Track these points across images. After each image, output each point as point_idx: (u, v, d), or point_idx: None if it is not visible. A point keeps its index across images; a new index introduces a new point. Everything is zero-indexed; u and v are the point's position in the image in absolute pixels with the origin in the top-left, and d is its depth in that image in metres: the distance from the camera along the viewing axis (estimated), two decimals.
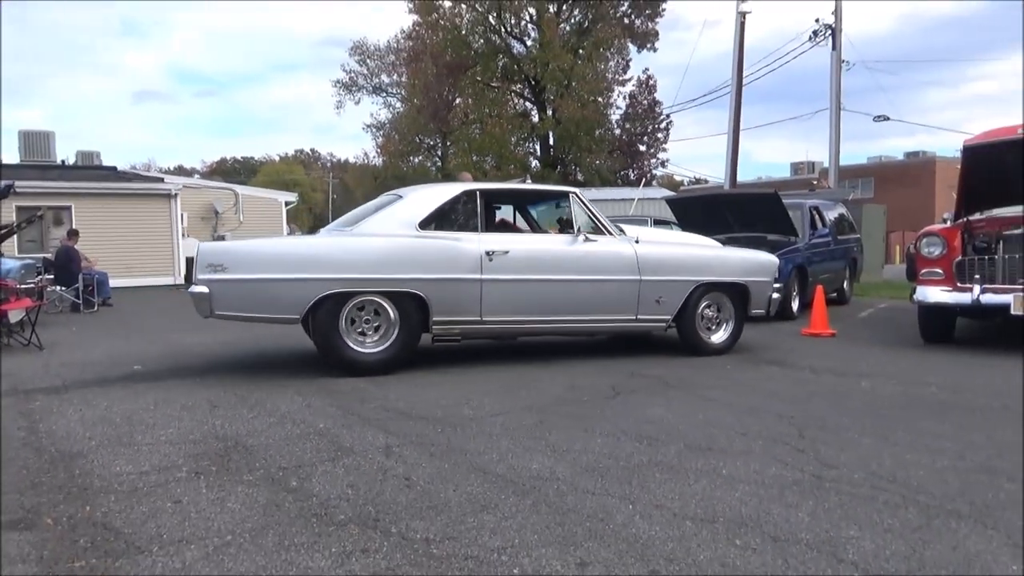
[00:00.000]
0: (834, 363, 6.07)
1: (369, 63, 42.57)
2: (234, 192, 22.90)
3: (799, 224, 10.12)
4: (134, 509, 2.75)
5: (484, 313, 5.72)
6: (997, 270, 6.50)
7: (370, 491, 2.93)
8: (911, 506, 2.76)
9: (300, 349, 7.04)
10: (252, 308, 5.37)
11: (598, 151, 32.15)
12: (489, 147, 31.00)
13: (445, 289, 5.58)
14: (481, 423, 4.04)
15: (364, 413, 4.28)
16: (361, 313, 5.52)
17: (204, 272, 5.23)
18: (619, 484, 3.00)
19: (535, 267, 5.86)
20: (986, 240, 6.71)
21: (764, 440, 3.68)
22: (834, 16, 19.61)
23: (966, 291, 6.54)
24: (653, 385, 5.13)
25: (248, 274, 5.28)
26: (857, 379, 5.37)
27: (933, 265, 6.82)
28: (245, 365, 6.07)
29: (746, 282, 6.63)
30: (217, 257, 5.27)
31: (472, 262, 5.65)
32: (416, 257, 5.55)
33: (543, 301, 5.89)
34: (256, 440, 3.70)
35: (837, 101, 19.49)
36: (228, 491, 2.93)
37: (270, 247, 5.78)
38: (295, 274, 5.32)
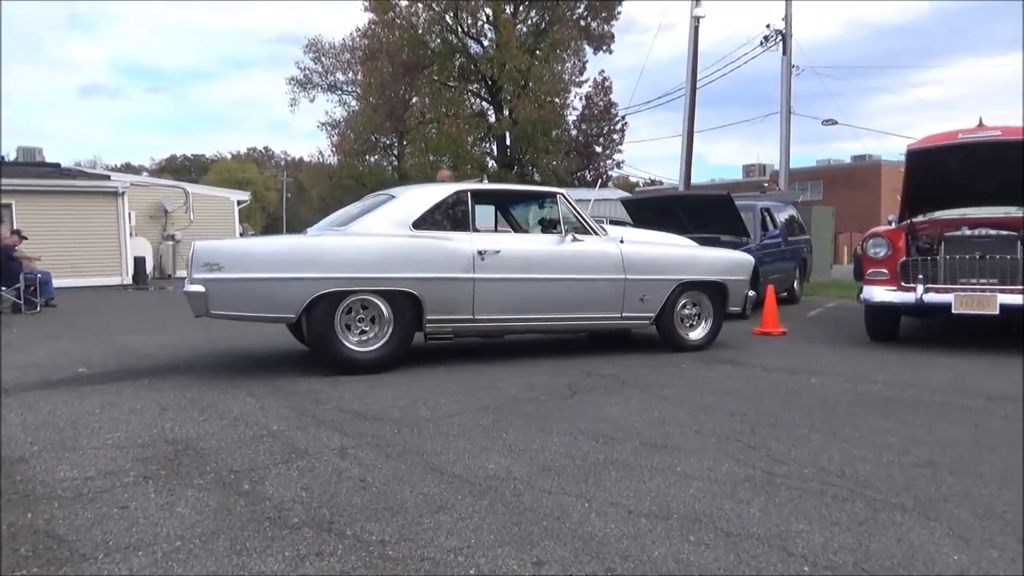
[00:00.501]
0: (785, 361, 6.19)
1: (324, 61, 42.13)
2: (184, 190, 22.43)
3: (751, 225, 10.31)
4: (78, 515, 2.67)
5: (476, 311, 5.81)
6: (939, 270, 6.71)
7: (325, 493, 2.89)
8: (858, 500, 2.83)
9: (254, 350, 6.92)
10: (248, 307, 5.35)
11: (555, 152, 32.30)
12: (446, 147, 30.90)
13: (439, 288, 5.65)
14: (438, 423, 4.02)
15: (319, 414, 4.23)
16: (352, 314, 5.53)
17: (200, 271, 5.18)
18: (575, 483, 3.02)
19: (526, 266, 5.98)
20: (929, 241, 6.93)
21: (717, 437, 3.74)
22: (784, 22, 20.04)
23: (910, 291, 6.74)
24: (609, 384, 5.17)
25: (244, 273, 5.27)
26: (807, 377, 5.49)
27: (879, 265, 7.01)
28: (197, 367, 5.94)
29: (724, 281, 6.81)
30: (213, 256, 5.24)
31: (465, 261, 5.72)
32: (410, 256, 5.61)
33: (533, 299, 6.01)
34: (207, 443, 3.63)
35: (787, 105, 19.93)
36: (178, 495, 2.87)
37: (266, 246, 5.80)
38: (291, 273, 5.33)
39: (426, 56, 32.10)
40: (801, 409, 4.39)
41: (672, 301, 6.58)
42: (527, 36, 31.92)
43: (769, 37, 20.22)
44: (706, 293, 6.78)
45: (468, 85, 32.97)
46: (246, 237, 24.42)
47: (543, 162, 32.33)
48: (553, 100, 31.87)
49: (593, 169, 34.99)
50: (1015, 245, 6.52)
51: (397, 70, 33.15)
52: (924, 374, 5.59)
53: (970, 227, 6.82)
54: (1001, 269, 6.49)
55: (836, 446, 3.58)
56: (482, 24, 32.48)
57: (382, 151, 42.66)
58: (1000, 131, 6.81)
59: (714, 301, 6.81)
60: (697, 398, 4.71)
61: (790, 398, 4.72)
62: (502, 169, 31.59)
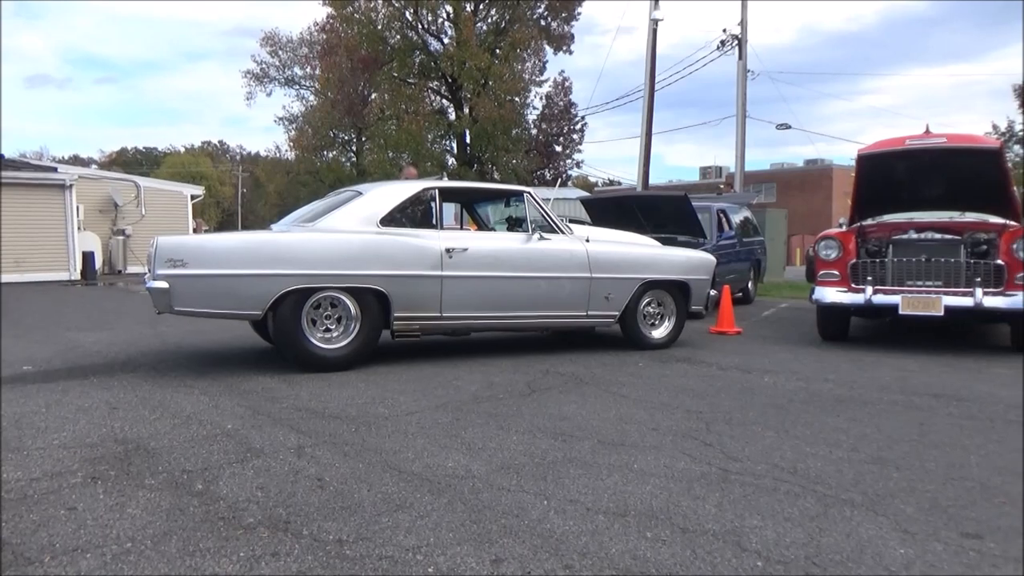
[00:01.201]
0: (739, 360, 6.29)
1: (281, 55, 41.56)
2: (135, 184, 21.84)
3: (707, 226, 10.45)
4: (23, 518, 2.58)
5: (444, 309, 5.81)
6: (887, 272, 6.90)
7: (281, 493, 2.85)
8: (809, 496, 2.89)
9: (207, 348, 6.79)
10: (213, 304, 5.26)
11: (515, 150, 32.32)
12: (405, 144, 30.68)
13: (406, 285, 5.64)
14: (396, 421, 3.99)
15: (275, 413, 4.17)
16: (320, 310, 5.48)
17: (163, 267, 5.07)
18: (534, 480, 3.03)
19: (493, 264, 5.99)
20: (877, 244, 7.11)
21: (674, 435, 3.78)
22: (740, 27, 20.38)
23: (859, 292, 6.90)
24: (568, 382, 5.20)
25: (209, 269, 5.18)
26: (761, 375, 5.58)
27: (830, 267, 7.17)
28: (147, 365, 5.80)
29: (687, 280, 6.91)
30: (177, 252, 5.14)
31: (433, 259, 5.72)
32: (378, 253, 5.58)
33: (500, 297, 6.03)
34: (159, 442, 3.55)
35: (743, 109, 20.27)
36: (128, 496, 2.80)
37: (232, 242, 5.71)
38: (258, 269, 5.26)
39: (385, 52, 31.83)
40: (755, 407, 4.47)
41: (636, 300, 6.66)
42: (487, 34, 31.88)
43: (726, 42, 20.55)
44: (669, 292, 6.87)
45: (428, 82, 32.80)
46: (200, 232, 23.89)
47: (503, 160, 32.32)
48: (513, 99, 31.88)
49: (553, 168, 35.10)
50: (959, 249, 6.73)
51: (356, 66, 32.82)
52: (873, 373, 5.73)
53: (917, 231, 7.02)
54: (946, 272, 6.69)
55: (788, 443, 3.65)
56: (442, 21, 32.33)
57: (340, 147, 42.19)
58: (946, 138, 7.03)
59: (677, 300, 6.91)
60: (654, 396, 4.75)
61: (744, 396, 4.79)
62: (462, 167, 31.49)
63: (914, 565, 2.31)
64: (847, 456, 3.44)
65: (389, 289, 5.58)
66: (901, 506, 2.80)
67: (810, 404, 4.58)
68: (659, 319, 6.92)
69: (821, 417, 4.22)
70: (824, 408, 4.47)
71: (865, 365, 6.11)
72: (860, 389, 5.08)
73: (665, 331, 6.91)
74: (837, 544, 2.44)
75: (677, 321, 6.95)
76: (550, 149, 35.50)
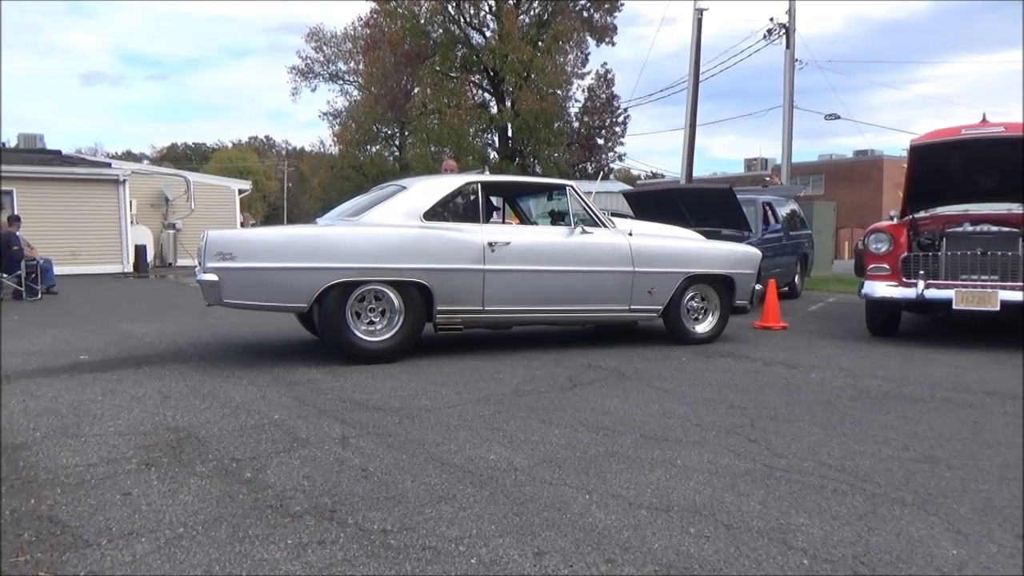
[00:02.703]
0: (785, 355, 6.21)
1: (325, 50, 42.03)
2: (185, 179, 22.37)
3: (752, 219, 10.30)
4: (81, 502, 2.68)
5: (486, 303, 5.86)
6: (940, 266, 6.72)
7: (326, 482, 2.90)
8: (858, 494, 2.84)
9: (254, 340, 6.93)
10: (261, 296, 5.40)
11: (556, 144, 32.27)
12: (447, 138, 30.86)
13: (449, 279, 5.70)
14: (439, 414, 4.03)
15: (320, 404, 4.24)
16: (364, 303, 5.57)
17: (213, 260, 5.22)
18: (576, 474, 3.03)
19: (535, 258, 6.02)
20: (930, 237, 6.93)
21: (717, 431, 3.75)
22: (788, 15, 19.97)
23: (911, 286, 6.74)
24: (610, 377, 5.18)
25: (257, 263, 5.31)
26: (807, 371, 5.50)
27: (880, 261, 7.01)
28: (197, 355, 5.95)
29: (732, 274, 6.85)
30: (226, 246, 5.29)
31: (475, 253, 5.77)
32: (421, 247, 5.66)
33: (542, 291, 6.05)
34: (209, 431, 3.64)
35: (790, 99, 19.87)
36: (180, 483, 2.88)
37: (279, 236, 5.86)
38: (304, 263, 5.37)
39: (428, 46, 32.03)
40: (801, 403, 4.40)
41: (679, 294, 6.61)
42: (529, 27, 31.82)
43: (772, 31, 20.16)
44: (713, 286, 6.80)
45: (470, 76, 32.91)
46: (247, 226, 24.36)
47: (545, 154, 32.31)
48: (555, 92, 31.82)
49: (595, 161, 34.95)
50: (1016, 242, 6.52)
51: (399, 60, 33.08)
52: (924, 369, 5.60)
53: (972, 223, 6.82)
54: (1002, 265, 6.49)
55: (836, 440, 3.59)
56: (484, 14, 32.38)
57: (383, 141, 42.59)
58: (1003, 127, 6.80)
59: (721, 294, 6.84)
60: (697, 391, 4.71)
61: (790, 392, 4.73)
62: (503, 161, 31.55)
63: (967, 567, 2.25)
64: (897, 454, 3.37)
65: (432, 282, 5.63)
66: (954, 506, 2.73)
67: (858, 401, 4.50)
68: (703, 314, 6.85)
69: (870, 414, 4.14)
70: (873, 405, 4.38)
71: (916, 361, 5.97)
72: (911, 386, 4.96)
73: (709, 326, 6.85)
74: (886, 544, 2.39)
75: (721, 316, 6.88)
76: (592, 142, 35.34)
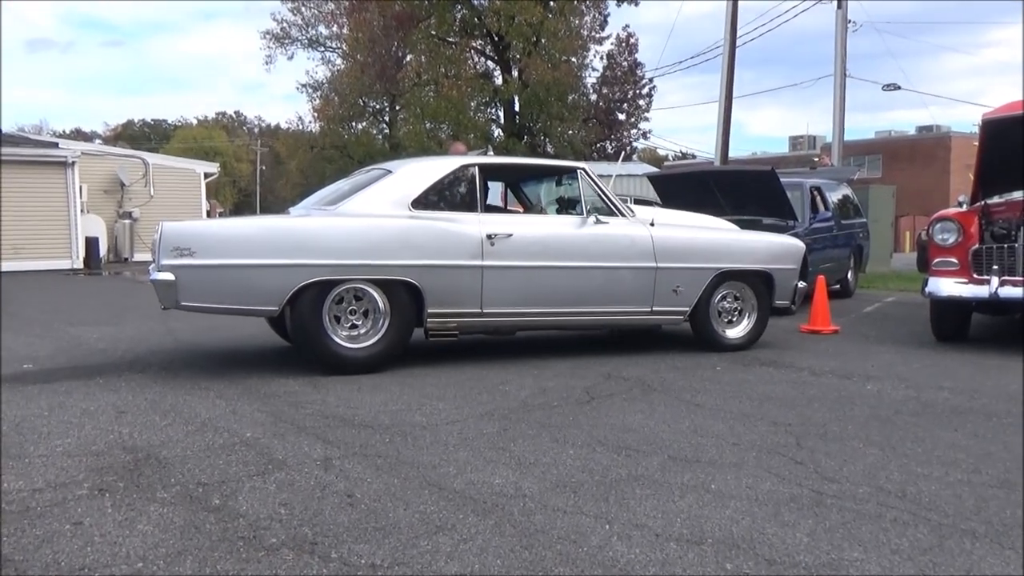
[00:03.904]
0: (836, 364, 6.20)
1: (304, 12, 42.08)
2: (143, 161, 22.47)
3: (798, 206, 10.28)
4: (25, 533, 2.69)
5: (485, 304, 5.85)
6: (1018, 260, 6.68)
7: (306, 510, 2.91)
8: (921, 524, 2.84)
9: (223, 346, 6.95)
10: (224, 298, 5.39)
11: (571, 119, 32.19)
12: (445, 113, 30.83)
13: (442, 276, 5.69)
14: (435, 431, 4.04)
15: (299, 420, 4.26)
16: (343, 305, 5.57)
17: (168, 256, 5.20)
18: (594, 501, 3.04)
19: (542, 252, 6.01)
20: (1006, 226, 6.89)
21: (758, 451, 3.75)
22: None
23: (983, 283, 6.71)
24: (632, 388, 5.19)
25: (219, 259, 5.30)
26: (862, 382, 5.49)
27: (947, 254, 6.98)
28: (158, 364, 5.98)
29: (771, 270, 6.81)
30: (184, 239, 5.27)
31: (472, 246, 5.76)
32: (409, 240, 5.65)
33: (550, 291, 6.04)
34: (171, 451, 3.66)
35: (842, 67, 19.81)
36: (138, 511, 2.89)
37: (245, 228, 5.86)
38: (274, 259, 5.36)
39: (422, 7, 31.99)
40: (855, 419, 4.40)
41: (709, 293, 6.59)
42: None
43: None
44: (749, 284, 6.78)
45: (471, 41, 32.86)
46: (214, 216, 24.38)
47: (557, 131, 32.25)
48: (569, 59, 31.74)
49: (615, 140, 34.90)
50: None
51: (388, 23, 33.05)
52: (998, 380, 5.58)
53: None
54: None
55: (896, 462, 3.58)
56: None
57: (371, 117, 42.63)
58: None
59: (759, 293, 6.81)
60: (735, 405, 4.72)
61: (842, 406, 4.72)
62: (509, 139, 31.53)
63: None
64: (967, 478, 3.36)
65: (422, 281, 5.62)
66: None
67: (922, 416, 4.49)
68: (737, 316, 6.83)
69: (935, 432, 4.14)
70: (939, 421, 4.37)
71: (988, 370, 5.96)
72: (983, 399, 4.95)
73: (743, 330, 6.82)
74: None
75: (758, 318, 6.86)
76: (612, 117, 35.28)
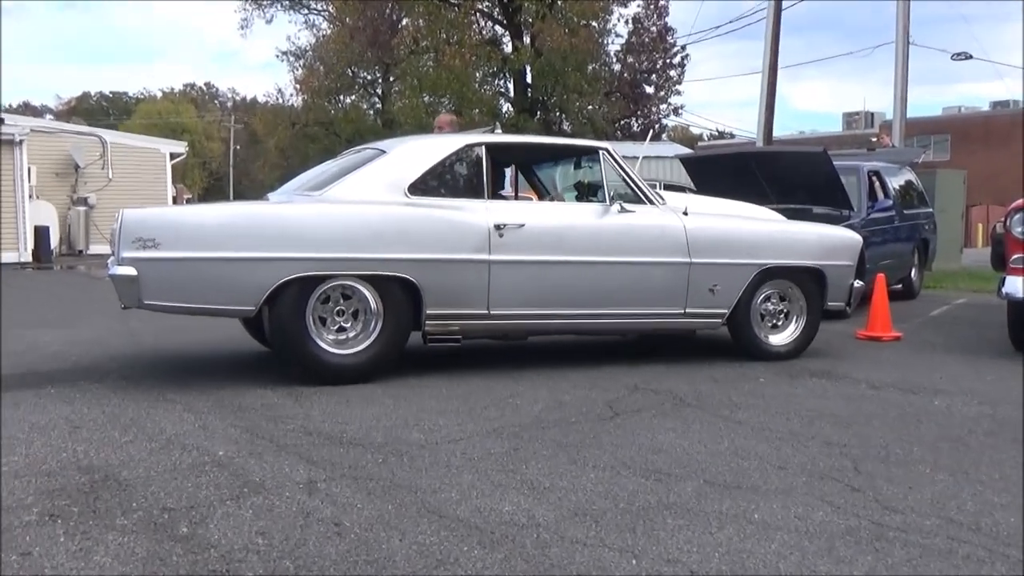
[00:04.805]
0: (899, 375, 6.18)
1: None
2: (101, 139, 22.58)
3: (854, 194, 10.26)
4: None
5: (492, 305, 5.85)
6: None
7: (287, 540, 2.91)
8: (998, 561, 2.82)
9: (192, 351, 6.97)
10: (192, 296, 5.40)
11: (591, 93, 32.21)
12: (446, 85, 30.91)
13: (442, 273, 5.69)
14: (435, 451, 4.04)
15: (279, 437, 4.26)
16: (329, 305, 5.58)
17: (130, 248, 5.19)
18: (619, 532, 3.03)
19: (558, 246, 6.01)
20: None
21: (808, 475, 3.74)
22: None
23: None
24: (664, 403, 5.19)
25: (188, 252, 5.30)
26: (929, 397, 5.48)
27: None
28: (117, 372, 5.99)
29: (822, 267, 6.77)
30: (148, 229, 5.26)
31: (478, 238, 5.76)
32: (405, 231, 5.66)
33: (568, 290, 6.05)
34: (133, 472, 3.66)
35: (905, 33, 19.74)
36: (95, 540, 2.90)
37: (217, 217, 5.85)
38: (251, 252, 5.35)
39: None
40: (921, 440, 4.39)
41: (750, 293, 6.58)
42: None
43: None
44: (797, 283, 6.75)
45: (476, 3, 32.90)
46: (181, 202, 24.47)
47: (575, 107, 32.28)
48: (589, 24, 31.76)
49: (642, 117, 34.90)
50: None
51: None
52: None
53: None
54: None
55: (968, 490, 3.57)
56: None
57: (361, 90, 42.75)
58: None
59: (808, 294, 6.78)
60: (781, 423, 4.71)
61: (906, 425, 4.71)
62: (520, 116, 31.58)
63: None
64: None
65: (420, 278, 5.61)
66: None
67: (998, 437, 4.48)
68: (782, 319, 6.81)
69: (1014, 454, 4.12)
70: (1018, 442, 4.35)
71: None
72: None
73: (790, 335, 6.80)
74: None
75: (808, 322, 6.82)
76: (639, 91, 35.30)
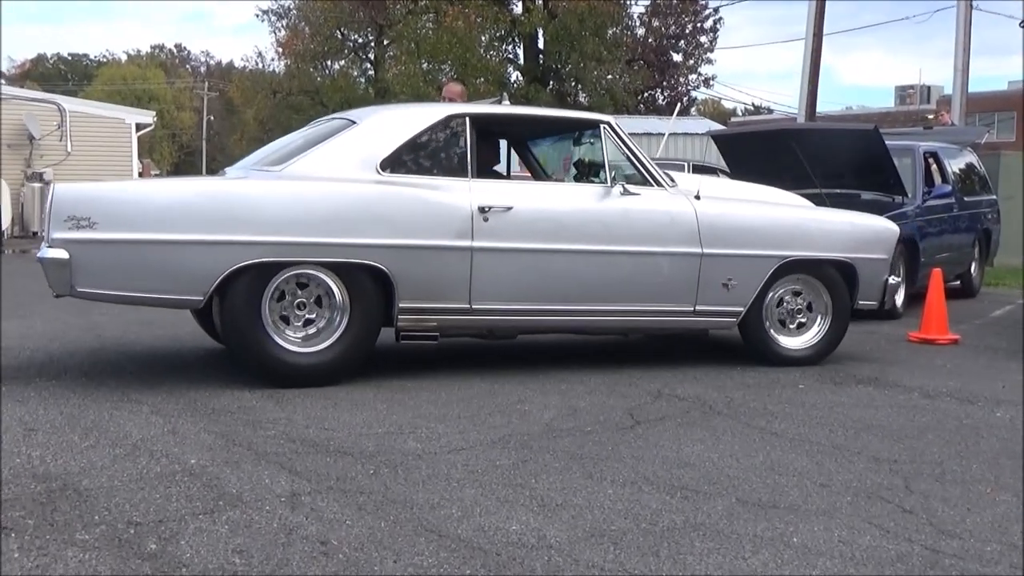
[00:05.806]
0: (957, 383, 6.18)
1: None
2: (59, 107, 22.56)
3: (908, 177, 10.23)
4: None
5: (475, 298, 5.82)
6: None
7: (268, 560, 2.92)
8: None
9: (161, 346, 6.98)
10: (132, 284, 5.37)
11: (611, 60, 32.14)
12: (447, 50, 30.85)
13: (418, 261, 5.67)
14: (433, 462, 4.05)
15: (258, 444, 4.27)
16: (288, 298, 5.56)
17: (61, 229, 5.16)
18: (640, 555, 3.04)
19: (551, 232, 5.99)
20: None
21: (854, 494, 3.74)
22: None
23: None
24: (690, 411, 5.19)
25: (128, 233, 5.27)
26: (990, 407, 5.48)
27: None
28: (77, 368, 6.01)
29: (852, 260, 6.71)
30: (82, 207, 5.22)
31: (459, 222, 5.74)
32: (376, 212, 5.64)
33: (562, 283, 6.02)
34: (94, 481, 3.67)
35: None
36: (53, 556, 2.91)
37: (161, 193, 5.82)
38: (199, 234, 5.33)
39: None
40: (980, 456, 4.39)
41: (768, 288, 6.52)
42: None
43: None
44: (821, 278, 6.69)
45: None
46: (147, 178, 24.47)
47: (593, 76, 32.20)
48: None
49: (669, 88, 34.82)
50: None
51: None
52: None
53: None
54: None
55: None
56: None
57: (351, 54, 42.70)
58: None
59: (834, 290, 6.71)
60: (823, 435, 4.71)
61: (964, 439, 4.71)
62: (531, 85, 31.53)
63: None
64: None
65: (391, 266, 5.57)
66: None
67: None
68: (805, 318, 6.75)
69: None
70: None
71: None
72: None
73: (812, 338, 6.74)
74: None
75: (834, 323, 6.73)
76: (665, 59, 35.21)
